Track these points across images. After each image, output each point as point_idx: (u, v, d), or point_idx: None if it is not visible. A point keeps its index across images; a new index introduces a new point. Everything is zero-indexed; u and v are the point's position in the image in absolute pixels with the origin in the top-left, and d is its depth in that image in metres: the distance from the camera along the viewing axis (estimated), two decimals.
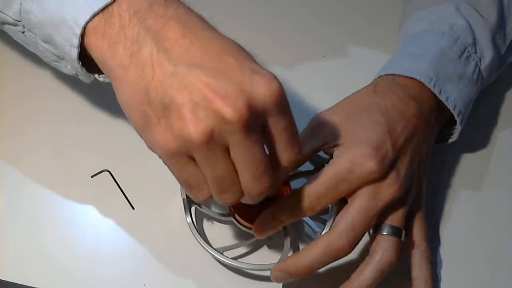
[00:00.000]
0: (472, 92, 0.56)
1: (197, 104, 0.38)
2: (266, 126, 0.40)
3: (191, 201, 0.53)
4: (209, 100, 0.38)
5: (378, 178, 0.48)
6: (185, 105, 0.38)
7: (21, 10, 0.45)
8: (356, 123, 0.50)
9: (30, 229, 0.54)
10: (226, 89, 0.38)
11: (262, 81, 0.39)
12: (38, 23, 0.44)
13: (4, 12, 0.46)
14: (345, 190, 0.48)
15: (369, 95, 0.52)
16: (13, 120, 0.59)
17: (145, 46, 0.40)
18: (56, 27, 0.43)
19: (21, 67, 0.62)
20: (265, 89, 0.39)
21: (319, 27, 0.68)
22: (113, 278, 0.52)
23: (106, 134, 0.59)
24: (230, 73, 0.39)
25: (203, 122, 0.38)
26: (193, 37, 0.40)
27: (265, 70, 0.40)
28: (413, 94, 0.52)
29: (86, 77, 0.47)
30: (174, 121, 0.38)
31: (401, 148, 0.49)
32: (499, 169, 0.60)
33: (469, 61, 0.56)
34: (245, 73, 0.39)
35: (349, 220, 0.47)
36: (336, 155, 0.48)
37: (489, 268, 0.54)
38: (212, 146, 0.39)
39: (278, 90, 0.39)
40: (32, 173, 0.57)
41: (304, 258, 0.47)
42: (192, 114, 0.38)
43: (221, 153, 0.39)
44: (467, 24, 0.57)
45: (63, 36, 0.43)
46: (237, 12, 0.68)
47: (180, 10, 0.41)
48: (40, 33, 0.45)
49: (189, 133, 0.38)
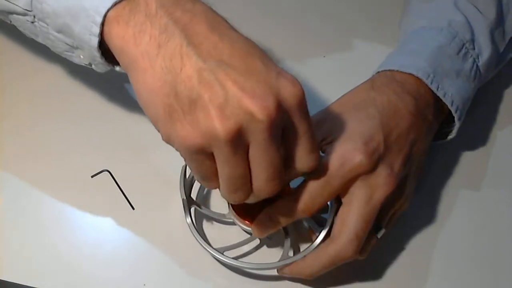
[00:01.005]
0: (470, 88, 0.56)
1: (226, 101, 0.38)
2: (286, 129, 0.40)
3: (191, 202, 0.53)
4: (237, 97, 0.38)
5: (367, 171, 0.48)
6: (213, 101, 0.38)
7: (32, 0, 0.44)
8: (350, 118, 0.50)
9: (30, 229, 0.54)
10: (254, 88, 0.38)
11: (287, 83, 0.39)
12: (52, 12, 0.44)
13: (12, 2, 0.45)
14: (339, 186, 0.48)
15: (366, 91, 0.52)
16: (14, 121, 0.60)
17: (174, 38, 0.39)
18: (74, 16, 0.43)
19: (21, 68, 0.63)
20: (291, 91, 0.39)
21: (319, 27, 0.68)
22: (113, 278, 0.52)
23: (106, 134, 0.59)
24: (257, 73, 0.39)
25: (231, 119, 0.38)
26: (221, 34, 0.40)
27: (289, 73, 0.40)
28: (411, 90, 0.52)
29: (103, 66, 0.46)
30: (201, 117, 0.38)
31: (394, 143, 0.49)
32: (498, 167, 0.60)
33: (467, 58, 0.56)
34: (272, 74, 0.39)
35: (351, 230, 0.48)
36: (327, 152, 0.48)
37: (488, 268, 0.54)
38: (235, 144, 0.39)
39: (301, 93, 0.40)
40: (32, 174, 0.57)
41: (311, 267, 0.49)
42: (219, 111, 0.38)
43: (242, 152, 0.40)
44: (466, 21, 0.57)
45: (82, 25, 0.43)
46: (237, 12, 0.68)
47: (205, 6, 0.42)
48: (54, 23, 0.45)
49: (215, 130, 0.38)
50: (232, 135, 0.38)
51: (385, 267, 0.54)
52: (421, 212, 0.57)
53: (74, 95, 0.61)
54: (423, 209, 0.57)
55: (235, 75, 0.38)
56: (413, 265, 0.54)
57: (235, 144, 0.39)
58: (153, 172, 0.57)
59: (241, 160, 0.40)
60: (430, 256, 0.55)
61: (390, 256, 0.54)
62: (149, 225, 0.54)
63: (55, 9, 0.44)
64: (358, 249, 0.48)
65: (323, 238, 0.50)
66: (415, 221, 0.56)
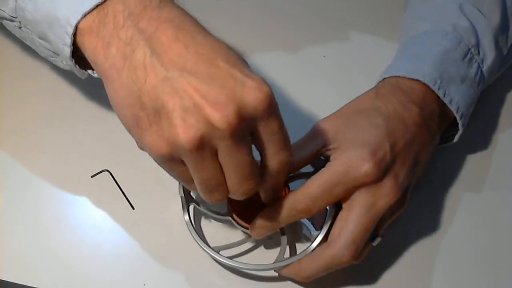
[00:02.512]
0: (474, 94, 0.56)
1: (187, 110, 0.38)
2: (255, 130, 0.41)
3: (189, 199, 0.53)
4: (199, 106, 0.38)
5: (374, 180, 0.48)
6: (176, 111, 0.38)
7: (16, 7, 0.45)
8: (355, 125, 0.50)
9: (30, 229, 0.54)
10: (216, 96, 0.38)
11: (252, 88, 0.39)
12: (32, 20, 0.45)
13: (0, 8, 0.47)
14: (341, 193, 0.48)
15: (371, 99, 0.52)
16: (14, 121, 0.59)
17: (138, 49, 0.40)
18: (49, 25, 0.44)
19: (22, 68, 0.62)
20: (256, 94, 0.39)
21: (319, 27, 0.68)
22: (113, 278, 0.52)
23: (106, 134, 0.59)
24: (221, 78, 0.39)
25: (193, 129, 0.38)
26: (186, 41, 0.40)
27: (256, 75, 0.40)
28: (416, 100, 0.52)
29: (80, 73, 0.47)
30: (165, 126, 0.39)
31: (400, 153, 0.49)
32: (500, 170, 0.59)
33: (471, 63, 0.56)
34: (237, 78, 0.39)
35: (349, 235, 0.48)
36: (332, 158, 0.48)
37: (490, 272, 0.54)
38: (200, 151, 0.39)
39: (268, 95, 0.40)
40: (32, 174, 0.57)
41: (307, 270, 0.49)
42: (182, 121, 0.38)
43: (209, 157, 0.40)
44: (470, 25, 0.56)
45: (56, 34, 0.44)
46: (237, 12, 0.68)
47: (174, 12, 0.41)
48: (35, 30, 0.46)
49: (178, 139, 0.38)
50: (195, 144, 0.38)
51: (385, 270, 0.54)
52: (422, 215, 0.56)
53: (74, 95, 0.61)
54: (424, 212, 0.57)
55: (197, 83, 0.38)
56: (414, 268, 0.54)
57: (200, 151, 0.39)
58: (153, 172, 0.56)
59: (210, 164, 0.40)
60: (431, 259, 0.54)
61: (391, 259, 0.54)
62: (149, 225, 0.54)
63: (34, 16, 0.45)
64: (355, 255, 0.48)
65: (320, 242, 0.50)
66: (416, 224, 0.56)
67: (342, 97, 0.54)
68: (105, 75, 0.42)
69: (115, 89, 0.41)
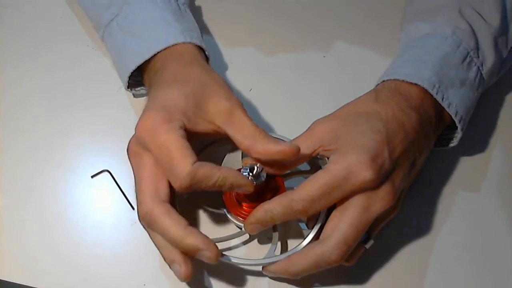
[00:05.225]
0: (473, 97, 0.56)
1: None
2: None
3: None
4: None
5: (372, 187, 0.48)
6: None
7: (103, 37, 0.59)
8: (353, 129, 0.50)
9: (30, 229, 0.54)
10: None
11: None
12: (110, 51, 0.59)
13: (97, 31, 0.60)
14: (339, 197, 0.48)
15: (369, 103, 0.52)
16: (14, 120, 0.60)
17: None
18: (117, 62, 0.57)
19: (22, 68, 0.63)
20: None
21: (319, 27, 0.68)
22: (113, 278, 0.52)
23: (106, 134, 0.59)
24: None
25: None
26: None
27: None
28: (415, 105, 0.52)
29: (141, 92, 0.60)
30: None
31: (398, 159, 0.49)
32: (498, 172, 0.59)
33: (471, 66, 0.55)
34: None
35: (341, 235, 0.47)
36: (331, 161, 0.48)
37: (487, 273, 0.54)
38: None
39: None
40: (32, 174, 0.57)
41: (296, 265, 0.49)
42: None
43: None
44: (470, 28, 0.56)
45: (121, 70, 0.57)
46: (236, 13, 0.68)
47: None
48: (111, 56, 0.59)
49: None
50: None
51: (380, 271, 0.54)
52: (420, 215, 0.57)
53: (74, 95, 0.61)
54: (421, 213, 0.57)
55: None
56: (409, 269, 0.54)
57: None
58: None
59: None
60: (427, 260, 0.55)
61: (386, 259, 0.54)
62: None
63: (110, 50, 0.59)
64: (344, 255, 0.48)
65: (311, 240, 0.50)
66: (412, 225, 0.56)
67: (342, 97, 0.54)
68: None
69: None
